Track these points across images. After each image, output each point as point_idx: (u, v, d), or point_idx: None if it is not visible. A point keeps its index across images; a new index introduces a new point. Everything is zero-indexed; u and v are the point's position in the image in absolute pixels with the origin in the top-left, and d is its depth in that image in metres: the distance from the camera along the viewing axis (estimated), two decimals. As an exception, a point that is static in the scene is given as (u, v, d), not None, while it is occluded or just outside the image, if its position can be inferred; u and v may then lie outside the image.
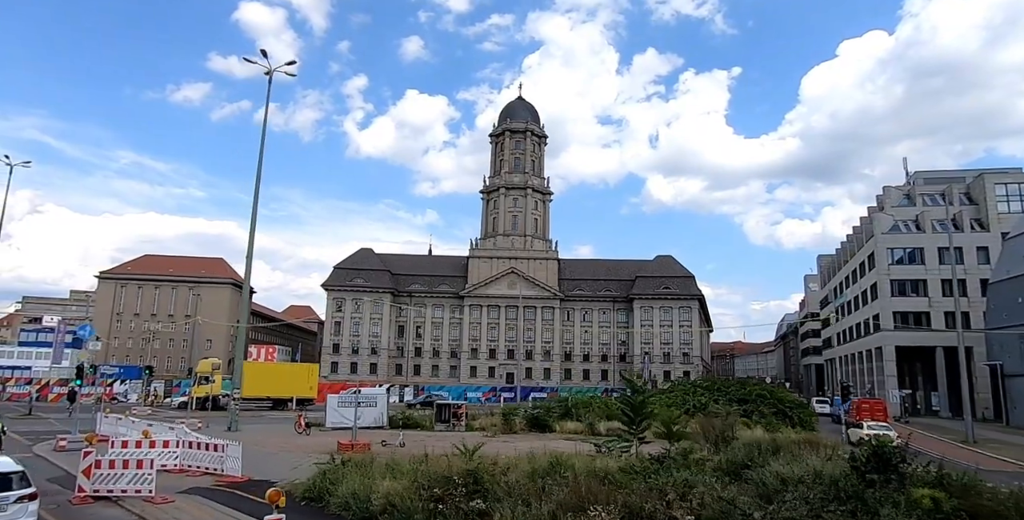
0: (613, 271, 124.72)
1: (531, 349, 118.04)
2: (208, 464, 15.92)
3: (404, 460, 14.95)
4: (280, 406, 43.89)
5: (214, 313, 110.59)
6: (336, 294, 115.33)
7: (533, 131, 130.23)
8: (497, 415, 31.13)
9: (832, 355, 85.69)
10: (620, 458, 16.86)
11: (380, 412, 29.65)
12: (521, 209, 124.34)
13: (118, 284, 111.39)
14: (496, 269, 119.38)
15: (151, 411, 36.35)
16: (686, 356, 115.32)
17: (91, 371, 70.54)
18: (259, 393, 42.78)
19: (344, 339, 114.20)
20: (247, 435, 24.89)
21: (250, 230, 29.02)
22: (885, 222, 60.07)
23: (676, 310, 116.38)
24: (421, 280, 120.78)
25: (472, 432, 28.17)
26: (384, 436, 26.45)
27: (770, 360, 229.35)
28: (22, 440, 23.60)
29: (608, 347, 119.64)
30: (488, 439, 26.27)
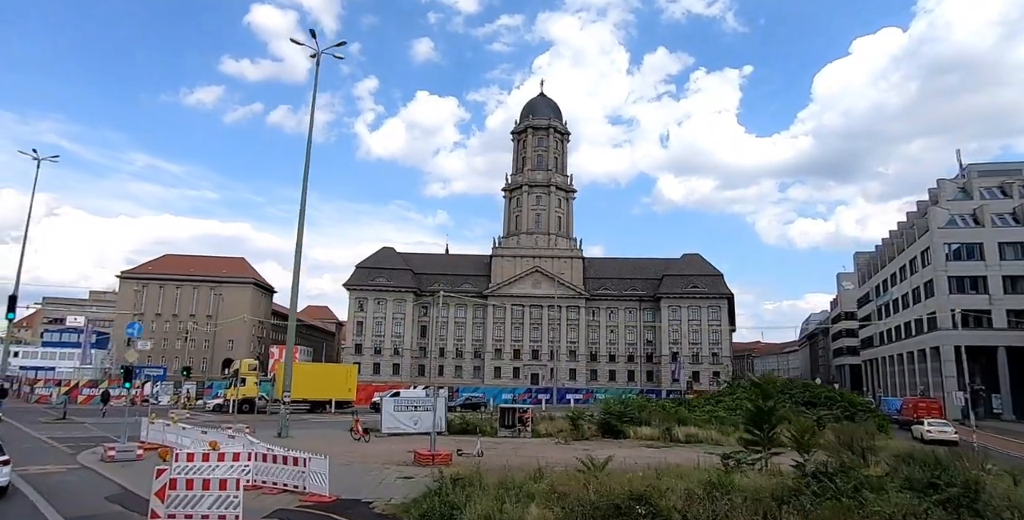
0: (639, 270, 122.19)
1: (556, 349, 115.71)
2: (287, 480, 13.86)
3: (516, 475, 12.81)
4: (318, 408, 41.99)
5: (235, 313, 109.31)
6: (358, 293, 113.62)
7: (556, 128, 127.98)
8: (560, 419, 28.98)
9: (873, 355, 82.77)
10: (762, 473, 14.62)
11: (439, 417, 27.56)
12: (544, 207, 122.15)
13: (139, 284, 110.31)
14: (520, 268, 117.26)
15: (189, 414, 34.49)
16: (715, 356, 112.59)
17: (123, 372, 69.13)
18: (297, 395, 40.76)
19: (367, 339, 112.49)
20: (300, 441, 22.88)
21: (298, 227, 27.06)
22: (940, 216, 57.32)
23: (705, 309, 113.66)
24: (443, 279, 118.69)
25: (540, 438, 26.06)
26: (448, 443, 24.41)
27: (792, 360, 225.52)
28: (62, 448, 21.71)
29: (634, 347, 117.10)
30: (561, 446, 24.16)
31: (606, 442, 25.54)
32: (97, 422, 30.57)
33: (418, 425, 26.97)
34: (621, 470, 13.19)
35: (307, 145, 28.23)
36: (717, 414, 33.37)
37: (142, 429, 23.12)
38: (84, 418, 32.49)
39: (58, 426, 28.70)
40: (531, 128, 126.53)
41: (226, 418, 33.90)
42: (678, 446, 24.77)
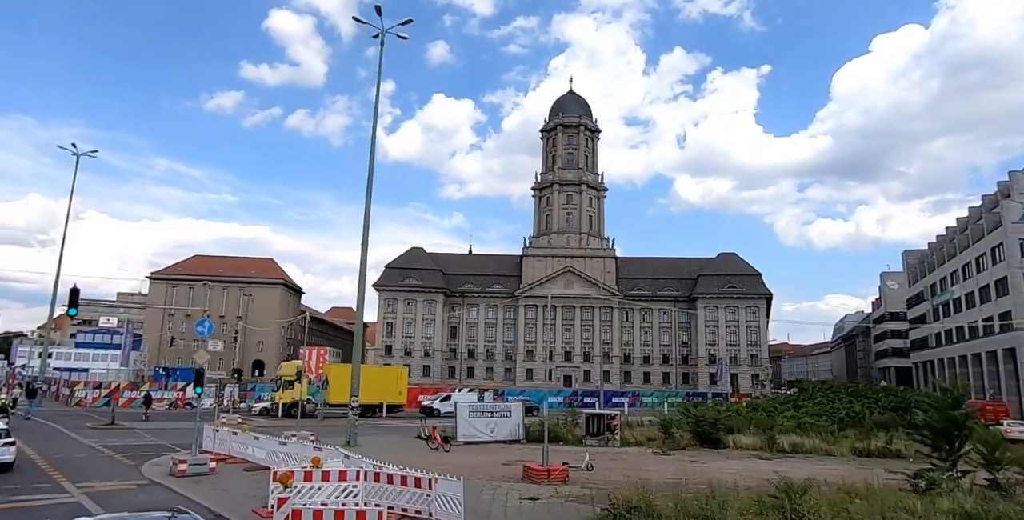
0: (673, 269, 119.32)
1: (589, 351, 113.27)
2: (407, 504, 11.67)
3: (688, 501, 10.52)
4: (368, 413, 39.94)
5: (265, 314, 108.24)
6: (387, 294, 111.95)
7: (586, 125, 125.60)
8: (649, 427, 26.65)
9: (927, 357, 79.26)
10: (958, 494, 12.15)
11: (516, 423, 25.40)
12: (575, 206, 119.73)
13: (168, 285, 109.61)
14: (551, 268, 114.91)
15: (240, 418, 32.58)
16: (754, 358, 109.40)
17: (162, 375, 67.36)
18: (346, 399, 38.82)
19: (396, 341, 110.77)
20: (370, 450, 20.65)
21: (364, 224, 24.98)
22: (1015, 210, 54.08)
23: (743, 310, 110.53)
24: (473, 280, 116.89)
25: (631, 448, 23.75)
26: (528, 452, 22.19)
27: (822, 362, 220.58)
28: (121, 459, 19.78)
29: (669, 349, 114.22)
30: (662, 457, 21.82)
31: (706, 452, 23.18)
32: (150, 428, 28.75)
33: (495, 433, 24.84)
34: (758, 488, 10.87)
35: (372, 130, 26.29)
36: (803, 420, 30.84)
37: (205, 437, 21.16)
38: (133, 423, 30.70)
39: (108, 432, 26.90)
40: (561, 126, 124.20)
41: (279, 423, 32.00)
42: (788, 457, 22.34)
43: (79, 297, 20.34)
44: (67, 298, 21.11)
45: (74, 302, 20.09)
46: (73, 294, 20.13)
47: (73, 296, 20.09)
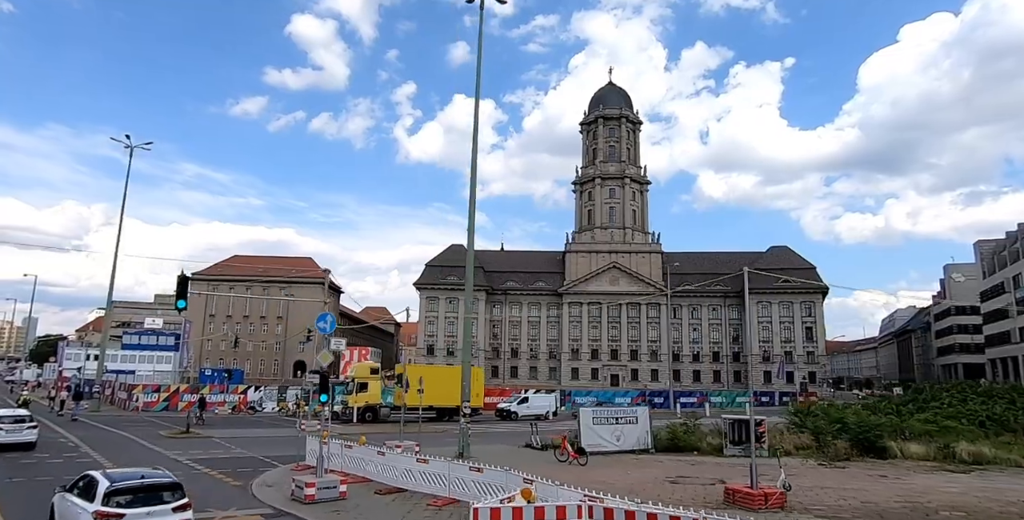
0: (721, 264, 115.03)
1: (636, 349, 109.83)
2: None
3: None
4: (443, 416, 37.35)
5: (306, 314, 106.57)
6: (429, 292, 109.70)
7: (628, 117, 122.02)
8: (790, 433, 23.51)
9: (1008, 353, 74.59)
10: None
11: (644, 430, 22.48)
12: (619, 200, 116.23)
13: (209, 285, 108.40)
14: (595, 264, 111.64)
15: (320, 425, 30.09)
16: (810, 355, 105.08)
17: None
18: (426, 402, 36.31)
19: (439, 340, 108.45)
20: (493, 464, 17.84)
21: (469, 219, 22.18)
22: None
23: (797, 305, 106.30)
24: (515, 277, 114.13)
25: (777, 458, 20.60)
26: (675, 465, 19.26)
27: (865, 359, 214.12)
28: (219, 476, 17.23)
29: (719, 346, 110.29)
30: (832, 470, 18.67)
31: (877, 463, 20.01)
32: (228, 436, 26.34)
33: (621, 441, 21.97)
34: None
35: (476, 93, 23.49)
36: (944, 424, 27.36)
37: (307, 449, 18.57)
38: (208, 430, 28.33)
39: (187, 442, 24.53)
40: (602, 118, 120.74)
41: (362, 430, 29.47)
42: (980, 470, 19.06)
43: (187, 287, 17.82)
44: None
45: (182, 293, 17.59)
46: (181, 285, 17.62)
47: (181, 287, 17.58)
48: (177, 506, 10.10)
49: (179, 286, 17.40)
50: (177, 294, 17.37)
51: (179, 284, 17.46)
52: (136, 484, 10.21)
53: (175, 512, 10.03)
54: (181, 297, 17.27)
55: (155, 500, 10.04)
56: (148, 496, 10.07)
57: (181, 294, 17.29)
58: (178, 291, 17.36)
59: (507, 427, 36.71)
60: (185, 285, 17.51)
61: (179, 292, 17.29)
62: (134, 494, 10.00)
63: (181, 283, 17.47)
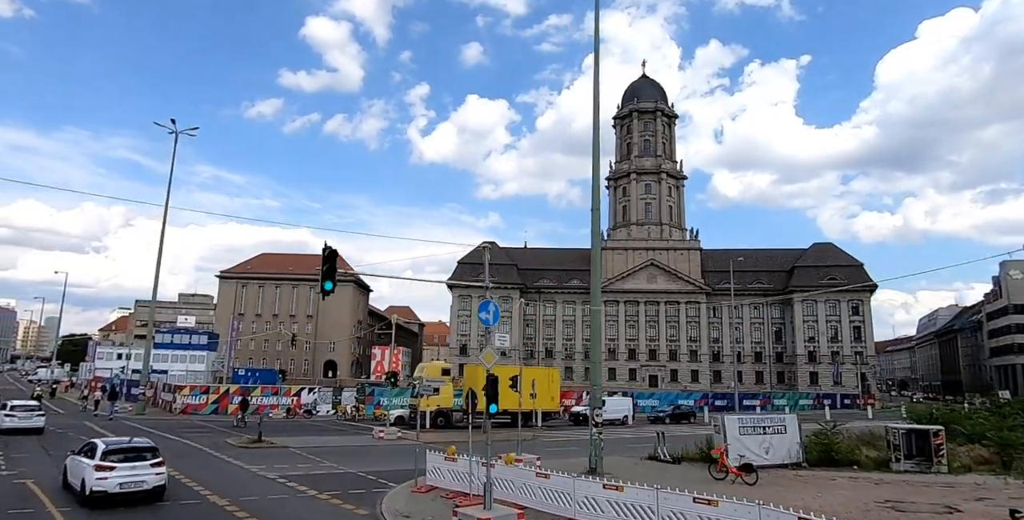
0: (762, 262, 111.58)
1: (675, 349, 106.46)
2: None
3: None
4: (517, 422, 34.35)
5: (336, 312, 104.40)
6: (462, 291, 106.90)
7: (663, 111, 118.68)
8: (968, 446, 20.26)
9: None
10: None
11: (794, 441, 19.42)
12: (655, 196, 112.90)
13: (238, 284, 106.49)
14: (631, 261, 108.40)
15: (400, 433, 27.23)
16: (859, 355, 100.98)
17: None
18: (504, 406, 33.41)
19: (472, 339, 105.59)
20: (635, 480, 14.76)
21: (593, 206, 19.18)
22: None
23: (844, 304, 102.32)
24: (549, 275, 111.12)
25: (959, 475, 17.43)
26: (840, 482, 16.16)
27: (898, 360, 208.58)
28: (328, 499, 14.35)
29: (762, 346, 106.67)
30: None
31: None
32: (304, 446, 23.50)
33: (771, 454, 18.92)
34: None
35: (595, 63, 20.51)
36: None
37: (428, 465, 15.67)
38: (280, 438, 25.50)
39: (261, 453, 21.71)
40: (636, 112, 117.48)
41: (441, 438, 26.58)
42: None
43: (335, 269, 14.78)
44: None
45: (330, 275, 14.51)
46: (328, 260, 14.44)
47: (329, 259, 14.38)
48: (154, 462, 13.83)
49: (326, 262, 14.16)
50: (324, 274, 14.19)
51: (326, 260, 14.20)
52: (124, 446, 14.21)
53: (152, 466, 13.73)
54: (328, 278, 14.14)
55: (138, 458, 13.77)
56: (133, 455, 13.84)
57: (328, 275, 14.15)
58: (325, 271, 14.15)
59: (564, 434, 33.66)
60: (333, 261, 14.34)
61: (326, 272, 14.12)
62: (123, 454, 13.77)
63: (328, 259, 14.22)
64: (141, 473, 13.44)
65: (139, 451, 14.00)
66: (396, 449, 23.58)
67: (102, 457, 13.31)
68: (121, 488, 13.14)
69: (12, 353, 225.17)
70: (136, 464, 13.50)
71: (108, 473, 13.08)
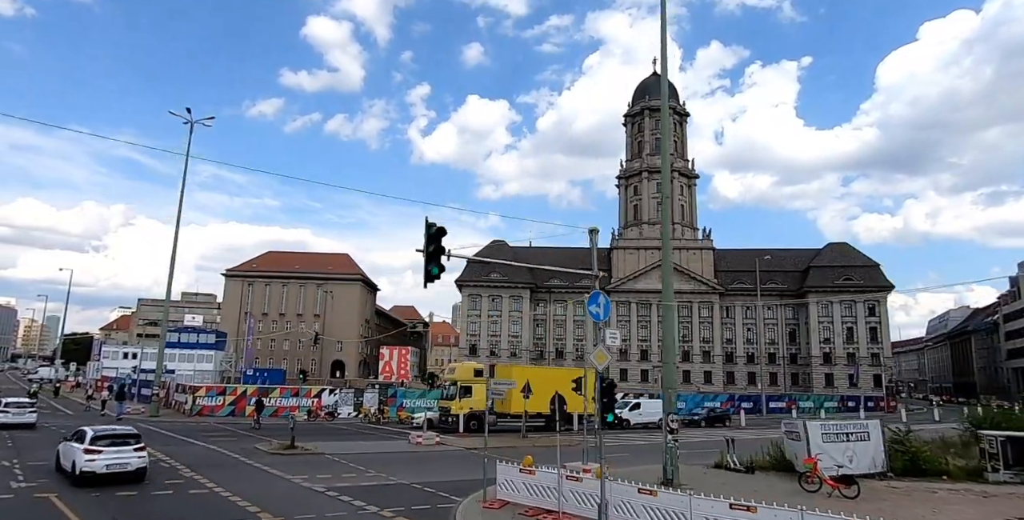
0: (776, 262, 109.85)
1: (688, 350, 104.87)
2: None
3: None
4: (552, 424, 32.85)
5: (345, 311, 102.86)
6: (471, 290, 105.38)
7: (675, 108, 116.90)
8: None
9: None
10: None
11: (876, 448, 17.90)
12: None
13: (244, 282, 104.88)
14: (643, 261, 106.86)
15: (420, 437, 25.65)
16: (875, 357, 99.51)
17: None
18: (531, 407, 31.86)
19: (482, 339, 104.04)
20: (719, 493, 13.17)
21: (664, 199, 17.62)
22: None
23: (860, 305, 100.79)
24: (559, 274, 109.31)
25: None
26: (942, 495, 14.62)
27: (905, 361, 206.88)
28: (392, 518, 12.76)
29: (775, 347, 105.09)
30: None
31: None
32: (340, 452, 21.96)
33: (855, 463, 17.38)
34: None
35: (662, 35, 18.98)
36: None
37: (499, 477, 14.12)
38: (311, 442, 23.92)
39: (299, 460, 20.11)
40: (648, 110, 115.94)
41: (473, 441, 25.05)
42: None
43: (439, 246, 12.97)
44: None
45: (435, 258, 12.64)
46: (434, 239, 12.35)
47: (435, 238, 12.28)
48: (137, 447, 15.61)
49: (431, 242, 12.12)
50: (428, 257, 12.16)
51: (431, 239, 12.10)
52: (111, 433, 15.98)
53: (135, 451, 15.49)
54: (434, 262, 12.21)
55: (123, 443, 15.50)
56: (119, 441, 15.54)
57: (434, 257, 12.20)
58: (431, 253, 12.11)
59: (639, 438, 32.12)
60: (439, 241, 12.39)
61: (432, 254, 12.12)
62: (110, 439, 15.49)
63: (434, 238, 12.11)
64: (125, 456, 15.17)
65: (124, 437, 15.77)
66: (439, 456, 22.09)
67: (91, 442, 15.10)
68: (108, 469, 14.81)
69: (13, 352, 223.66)
70: (121, 448, 15.26)
71: (96, 456, 14.83)
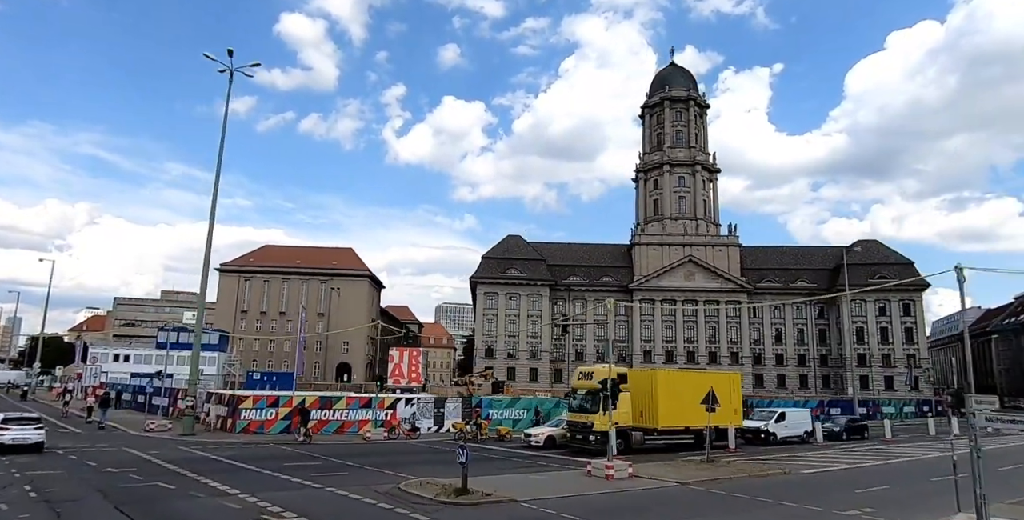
0: (804, 259, 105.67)
1: (715, 351, 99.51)
2: None
3: None
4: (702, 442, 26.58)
5: (350, 309, 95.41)
6: (487, 287, 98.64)
7: (695, 100, 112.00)
8: None
9: None
10: None
11: None
12: (689, 189, 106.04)
13: (240, 278, 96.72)
14: (667, 258, 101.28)
15: (611, 468, 19.04)
16: (911, 358, 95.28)
17: None
18: (675, 422, 25.59)
19: (499, 340, 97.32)
20: None
21: None
22: None
23: (895, 303, 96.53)
24: (579, 271, 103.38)
25: None
26: None
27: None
28: None
29: (805, 348, 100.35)
30: None
31: None
32: (535, 498, 15.27)
33: None
34: None
35: None
36: None
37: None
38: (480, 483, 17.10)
39: (491, 513, 13.54)
40: (668, 101, 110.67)
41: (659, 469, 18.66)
42: None
43: None
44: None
45: None
46: None
47: None
48: (36, 427, 22.68)
49: None
50: None
51: None
52: (16, 416, 23.68)
53: (35, 430, 22.46)
54: None
55: (27, 424, 22.73)
56: (24, 422, 22.91)
57: None
58: None
59: (812, 457, 25.83)
60: None
61: None
62: (16, 421, 22.79)
63: None
64: (27, 433, 22.09)
65: (27, 419, 23.30)
66: (666, 498, 15.72)
67: (2, 422, 22.24)
68: (13, 441, 21.52)
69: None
70: (24, 427, 22.39)
71: (5, 432, 21.69)
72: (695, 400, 26.22)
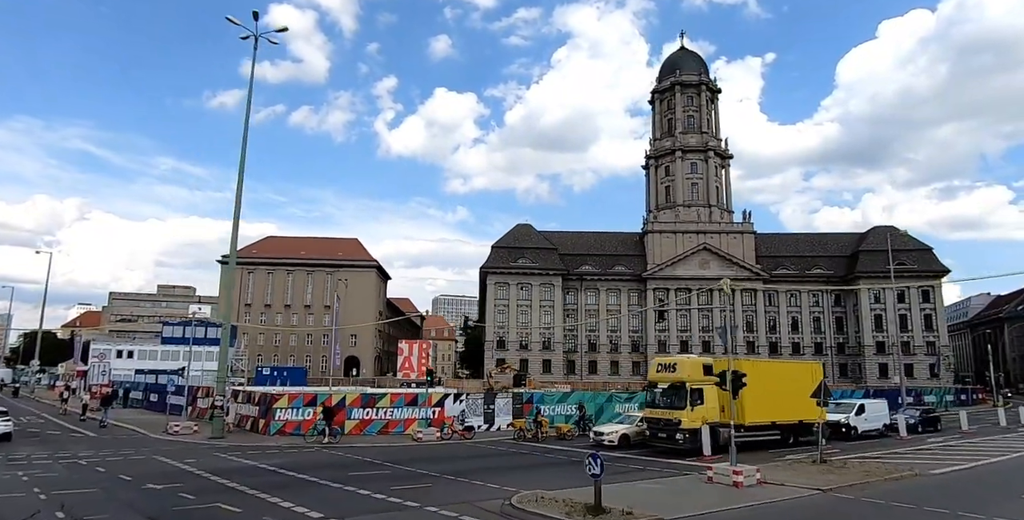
0: (820, 246, 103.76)
1: (732, 341, 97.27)
2: None
3: None
4: (790, 438, 24.24)
5: (357, 301, 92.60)
6: (498, 277, 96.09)
7: (707, 84, 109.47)
8: None
9: None
10: None
11: None
12: (701, 175, 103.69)
13: (244, 270, 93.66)
14: (681, 246, 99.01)
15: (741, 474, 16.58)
16: (931, 346, 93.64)
17: None
18: (762, 417, 23.30)
19: (511, 331, 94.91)
20: None
21: None
22: None
23: (914, 291, 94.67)
24: (591, 260, 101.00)
25: None
26: None
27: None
28: None
29: (822, 337, 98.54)
30: None
31: None
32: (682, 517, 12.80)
33: None
34: None
35: None
36: None
37: None
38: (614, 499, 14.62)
39: None
40: (679, 85, 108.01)
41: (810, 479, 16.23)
42: None
43: None
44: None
45: None
46: None
47: None
48: (4, 421, 24.95)
49: None
50: None
51: None
52: None
53: (3, 422, 24.87)
54: None
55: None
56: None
57: None
58: None
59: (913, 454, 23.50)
60: None
61: None
62: None
63: None
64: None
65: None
66: (826, 513, 13.34)
67: None
68: None
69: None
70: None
71: None
72: (781, 392, 24.00)
